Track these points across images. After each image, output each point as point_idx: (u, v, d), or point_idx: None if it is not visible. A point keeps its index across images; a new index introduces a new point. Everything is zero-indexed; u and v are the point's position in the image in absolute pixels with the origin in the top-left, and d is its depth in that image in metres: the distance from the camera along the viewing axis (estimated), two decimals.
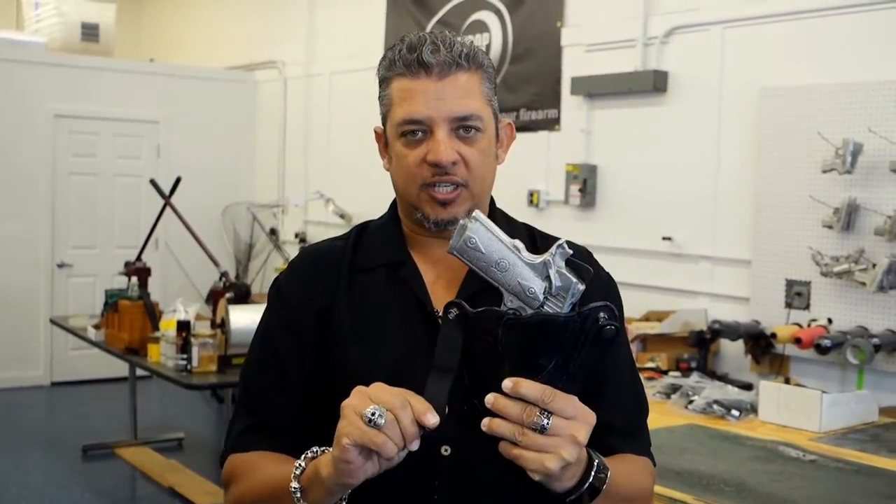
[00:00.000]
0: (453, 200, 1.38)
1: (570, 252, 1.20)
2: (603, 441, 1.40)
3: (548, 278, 1.19)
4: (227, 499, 1.42)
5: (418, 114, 1.36)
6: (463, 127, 1.37)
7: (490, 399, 1.15)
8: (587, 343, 1.15)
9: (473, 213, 1.23)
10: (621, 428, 1.44)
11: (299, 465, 1.25)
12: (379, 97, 1.44)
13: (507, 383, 1.14)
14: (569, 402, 1.15)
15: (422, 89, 1.35)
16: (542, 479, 1.16)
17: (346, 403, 1.17)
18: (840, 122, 4.11)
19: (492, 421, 1.15)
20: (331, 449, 1.19)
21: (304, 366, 1.42)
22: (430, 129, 1.36)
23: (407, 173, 1.39)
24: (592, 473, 1.23)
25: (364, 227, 1.53)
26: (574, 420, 1.15)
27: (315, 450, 1.26)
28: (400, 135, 1.39)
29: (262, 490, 1.34)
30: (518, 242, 1.22)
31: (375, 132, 1.49)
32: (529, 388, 1.14)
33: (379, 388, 1.17)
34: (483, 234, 1.21)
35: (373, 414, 1.12)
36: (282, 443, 1.40)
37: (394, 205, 1.52)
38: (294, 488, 1.24)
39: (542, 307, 1.18)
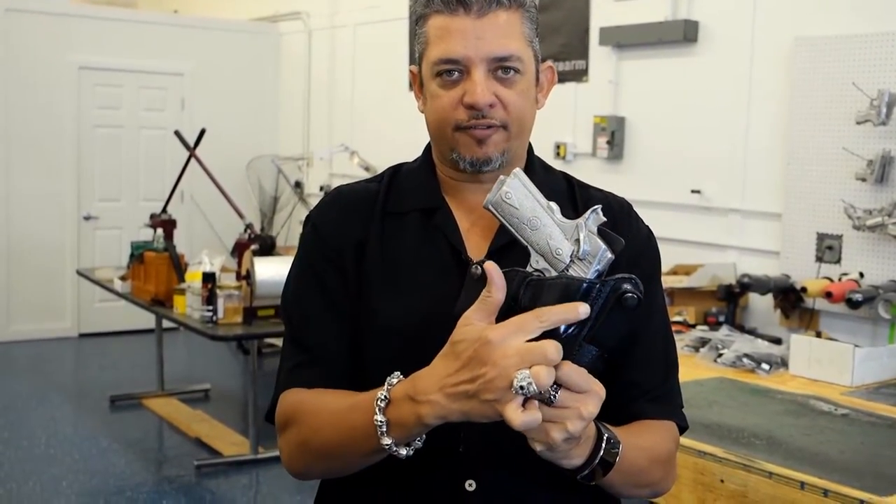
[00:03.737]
0: (489, 138, 1.33)
1: (604, 219, 1.17)
2: (629, 404, 1.38)
3: (577, 241, 1.16)
4: (289, 441, 1.34)
5: (455, 53, 1.31)
6: (502, 68, 1.32)
7: None
8: (607, 311, 1.12)
9: (514, 171, 1.20)
10: (649, 389, 1.39)
11: (383, 396, 1.18)
12: (415, 34, 1.39)
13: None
14: (580, 375, 1.10)
15: (459, 28, 1.30)
16: (547, 454, 1.13)
17: (489, 376, 1.08)
18: (875, 73, 4.02)
19: None
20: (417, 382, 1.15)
21: (350, 296, 1.37)
22: (468, 69, 1.31)
23: (442, 114, 1.34)
24: (602, 448, 1.19)
25: (397, 169, 1.48)
26: (583, 393, 1.11)
27: (395, 378, 1.19)
28: (435, 74, 1.34)
29: (331, 429, 1.27)
30: (554, 204, 1.19)
31: (410, 72, 1.43)
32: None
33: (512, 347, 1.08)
34: (520, 190, 1.18)
35: (524, 379, 1.06)
36: (337, 376, 1.35)
37: (428, 148, 1.47)
38: (380, 422, 1.17)
39: (567, 270, 1.15)
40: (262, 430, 5.19)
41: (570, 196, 1.44)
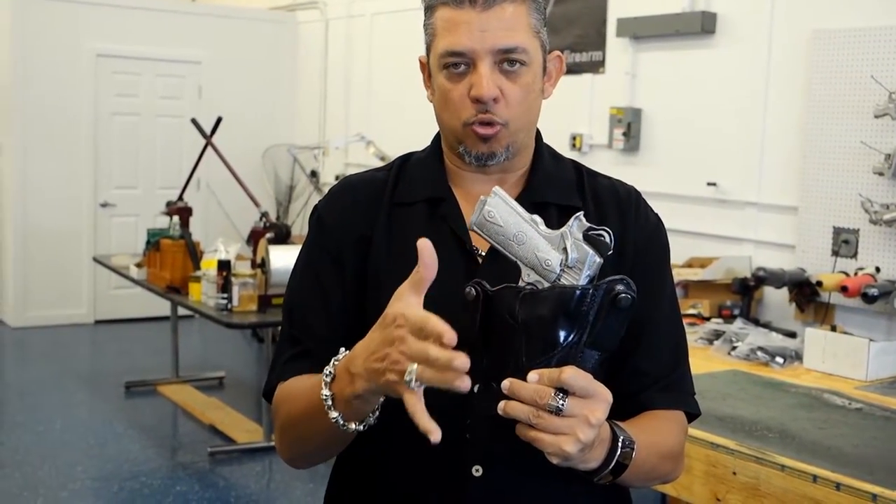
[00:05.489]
0: (493, 136, 1.34)
1: (588, 225, 1.18)
2: (638, 393, 1.38)
3: (564, 250, 1.17)
4: (276, 428, 1.39)
5: (460, 45, 1.31)
6: (507, 60, 1.32)
7: (506, 384, 1.12)
8: (604, 315, 1.13)
9: (493, 189, 1.21)
10: (658, 378, 1.39)
11: (329, 371, 1.20)
12: (423, 25, 1.39)
13: (532, 375, 1.11)
14: (584, 379, 1.11)
15: (465, 20, 1.31)
16: (562, 462, 1.13)
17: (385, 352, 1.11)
18: (894, 66, 4.00)
19: (507, 404, 1.12)
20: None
21: (346, 292, 1.39)
22: (473, 61, 1.32)
23: (450, 107, 1.35)
24: (619, 451, 1.19)
25: (407, 158, 1.49)
26: (590, 399, 1.11)
27: (341, 354, 1.21)
28: (442, 66, 1.35)
29: (297, 409, 1.31)
30: (537, 217, 1.20)
31: (420, 62, 1.44)
32: (541, 375, 1.11)
33: (406, 335, 1.09)
34: (502, 208, 1.20)
35: (410, 373, 1.08)
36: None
37: (437, 137, 1.48)
38: (325, 396, 1.20)
39: (559, 280, 1.16)
40: None
41: (579, 184, 1.44)
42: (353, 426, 1.20)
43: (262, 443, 5.19)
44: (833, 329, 3.97)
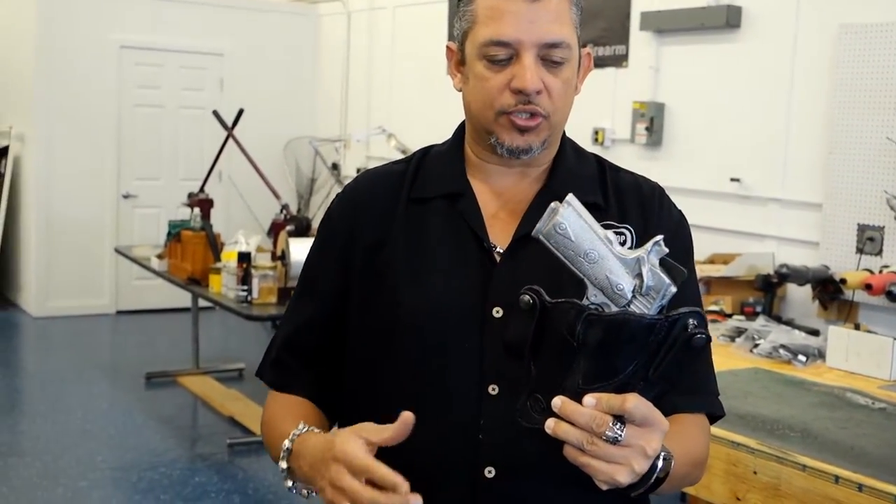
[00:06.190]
0: (532, 129, 1.31)
1: (667, 251, 1.11)
2: (662, 396, 1.35)
3: (639, 276, 1.10)
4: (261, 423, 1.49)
5: (507, 35, 1.28)
6: (550, 54, 1.29)
7: (557, 403, 1.09)
8: (672, 349, 1.08)
9: (567, 198, 1.12)
10: (683, 381, 1.35)
11: (286, 446, 1.28)
12: (459, 11, 1.36)
13: (589, 399, 1.07)
14: (647, 410, 1.08)
15: (513, 10, 1.28)
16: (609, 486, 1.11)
17: (334, 474, 1.16)
18: None
19: (557, 424, 1.09)
20: (316, 431, 1.27)
21: (343, 299, 1.40)
22: (518, 52, 1.29)
23: (486, 97, 1.31)
24: (659, 465, 1.16)
25: (427, 151, 1.46)
26: (647, 428, 1.09)
27: (300, 430, 1.28)
28: (482, 55, 1.31)
29: (270, 446, 1.39)
30: (611, 234, 1.13)
31: (448, 48, 1.40)
32: (607, 401, 1.08)
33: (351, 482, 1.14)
34: (575, 220, 1.11)
35: None
36: (314, 375, 1.44)
37: (459, 129, 1.45)
38: (282, 469, 1.28)
39: (629, 306, 1.10)
40: None
41: (601, 179, 1.41)
42: (305, 493, 1.28)
43: None
44: (857, 327, 3.93)
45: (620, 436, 1.07)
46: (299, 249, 4.81)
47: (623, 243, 1.13)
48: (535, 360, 1.13)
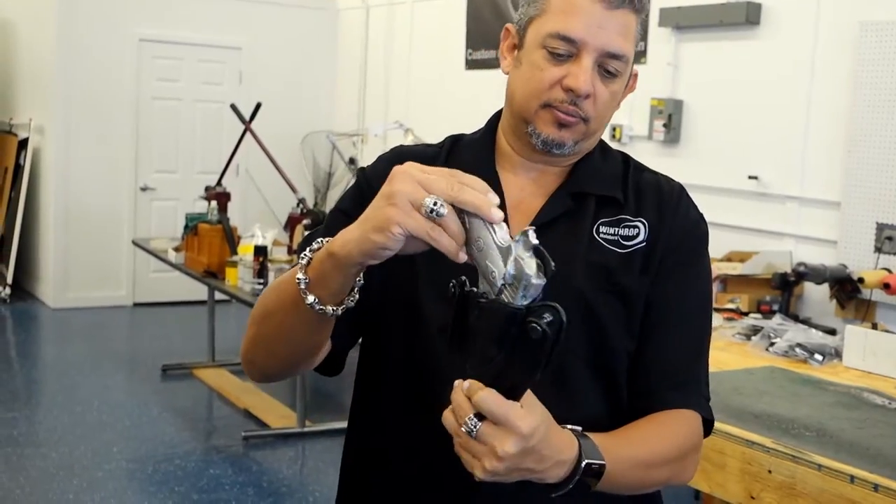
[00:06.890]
0: (570, 126, 1.32)
1: (535, 242, 1.08)
2: (649, 393, 1.34)
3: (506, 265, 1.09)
4: (248, 326, 1.36)
5: (575, 33, 1.28)
6: (607, 63, 1.30)
7: (457, 384, 1.09)
8: (521, 342, 1.06)
9: None
10: (672, 374, 1.34)
11: (305, 256, 1.18)
12: None
13: (462, 383, 1.08)
14: (500, 408, 1.04)
15: (588, 10, 1.28)
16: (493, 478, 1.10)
17: (395, 190, 1.07)
18: None
19: (445, 413, 1.09)
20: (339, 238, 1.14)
21: None
22: (579, 52, 1.29)
23: (536, 87, 1.32)
24: (578, 475, 1.14)
25: (458, 139, 1.46)
26: (501, 429, 1.05)
27: (317, 244, 1.18)
28: (544, 45, 1.31)
29: (271, 299, 1.28)
30: (503, 224, 1.12)
31: (506, 29, 1.40)
32: (463, 391, 1.08)
33: (433, 174, 1.09)
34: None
35: (434, 204, 1.05)
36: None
37: (493, 119, 1.45)
38: (299, 279, 1.16)
39: (500, 294, 1.09)
40: (309, 404, 5.22)
41: (624, 178, 1.41)
42: (329, 309, 1.18)
43: (295, 428, 5.21)
44: (874, 327, 3.91)
45: (473, 430, 1.05)
46: None
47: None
48: (461, 349, 1.12)
